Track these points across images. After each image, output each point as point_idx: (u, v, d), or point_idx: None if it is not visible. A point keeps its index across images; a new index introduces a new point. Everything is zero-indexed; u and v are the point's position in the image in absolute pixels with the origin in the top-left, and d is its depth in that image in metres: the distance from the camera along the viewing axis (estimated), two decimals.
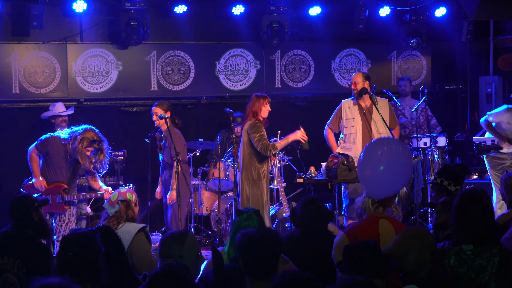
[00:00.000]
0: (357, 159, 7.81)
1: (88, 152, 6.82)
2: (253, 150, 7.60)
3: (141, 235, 5.25)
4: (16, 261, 4.60)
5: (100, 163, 6.91)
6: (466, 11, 9.10)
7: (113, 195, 5.50)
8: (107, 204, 5.50)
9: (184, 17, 9.45)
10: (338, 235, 4.69)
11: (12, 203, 4.95)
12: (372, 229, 4.56)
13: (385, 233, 4.52)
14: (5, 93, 8.92)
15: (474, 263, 3.92)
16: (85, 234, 3.88)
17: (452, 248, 4.01)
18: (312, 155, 8.76)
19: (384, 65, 10.83)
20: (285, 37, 9.74)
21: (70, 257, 3.74)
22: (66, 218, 6.92)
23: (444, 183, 5.29)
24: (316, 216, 5.00)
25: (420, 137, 9.16)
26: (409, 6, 10.29)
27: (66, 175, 6.96)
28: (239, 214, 4.64)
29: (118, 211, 5.40)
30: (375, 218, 4.63)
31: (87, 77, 9.27)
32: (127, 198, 5.45)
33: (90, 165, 6.87)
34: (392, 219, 4.70)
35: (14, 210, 4.86)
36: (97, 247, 3.85)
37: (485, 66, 11.09)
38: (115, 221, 5.35)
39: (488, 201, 4.14)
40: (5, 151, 9.06)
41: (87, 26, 9.23)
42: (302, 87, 10.44)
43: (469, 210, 4.01)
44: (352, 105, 8.01)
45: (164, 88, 9.67)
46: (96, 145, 6.83)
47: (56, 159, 6.91)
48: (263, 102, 7.65)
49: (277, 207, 8.40)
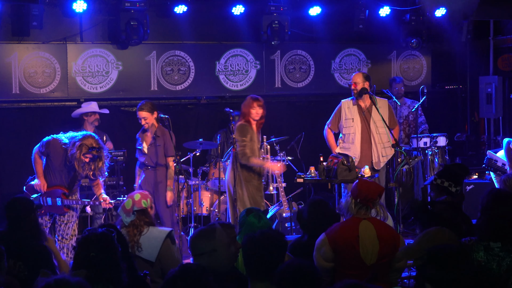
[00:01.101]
0: (357, 159, 7.86)
1: (86, 159, 6.75)
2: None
3: (168, 241, 5.20)
4: (17, 263, 4.58)
5: (99, 170, 6.86)
6: (466, 11, 9.11)
7: (127, 203, 5.31)
8: (121, 211, 5.33)
9: (184, 17, 9.45)
10: (320, 236, 4.70)
11: (9, 204, 4.92)
12: (352, 231, 4.58)
13: (365, 235, 4.53)
14: (5, 93, 8.92)
15: (504, 261, 4.00)
16: (105, 234, 3.86)
17: (480, 243, 4.10)
18: (312, 155, 8.76)
19: (384, 65, 10.83)
20: (285, 37, 9.74)
21: (91, 257, 3.72)
22: (65, 219, 6.91)
23: (444, 184, 5.28)
24: (323, 218, 4.99)
25: (420, 137, 9.16)
26: (409, 6, 10.29)
27: (66, 179, 6.93)
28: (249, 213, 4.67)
29: (134, 220, 5.31)
30: (357, 220, 4.64)
31: (87, 77, 9.27)
32: (142, 206, 5.30)
33: (89, 172, 6.81)
34: (375, 220, 4.69)
35: (12, 212, 4.83)
36: (116, 246, 3.84)
37: (485, 66, 11.09)
38: (135, 230, 5.22)
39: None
40: (5, 151, 9.05)
41: (87, 26, 9.23)
42: (302, 87, 10.44)
43: (500, 209, 4.14)
44: (352, 105, 8.02)
45: (164, 88, 9.67)
46: (95, 152, 6.76)
47: (56, 162, 6.90)
48: (252, 104, 7.60)
49: (277, 207, 8.40)
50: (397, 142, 7.67)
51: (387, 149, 7.92)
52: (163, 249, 5.14)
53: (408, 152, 8.93)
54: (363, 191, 4.68)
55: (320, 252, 4.61)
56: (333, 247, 4.55)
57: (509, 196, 4.27)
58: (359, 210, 4.67)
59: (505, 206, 4.16)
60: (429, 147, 9.17)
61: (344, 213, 4.79)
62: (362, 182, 4.80)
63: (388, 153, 7.98)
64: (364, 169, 7.58)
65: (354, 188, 4.74)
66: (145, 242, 5.17)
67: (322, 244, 4.61)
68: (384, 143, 7.92)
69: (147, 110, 7.58)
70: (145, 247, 5.15)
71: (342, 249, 4.54)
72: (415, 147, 9.12)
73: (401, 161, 8.02)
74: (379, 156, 7.92)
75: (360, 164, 7.80)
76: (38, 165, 6.94)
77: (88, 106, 8.71)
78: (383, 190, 4.90)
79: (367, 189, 4.70)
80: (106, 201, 6.95)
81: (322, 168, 7.56)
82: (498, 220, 4.11)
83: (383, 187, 5.36)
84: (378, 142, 7.91)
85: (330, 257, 4.58)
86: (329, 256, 4.58)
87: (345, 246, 4.54)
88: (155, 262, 5.09)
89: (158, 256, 5.08)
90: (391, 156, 8.10)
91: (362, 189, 4.70)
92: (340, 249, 4.54)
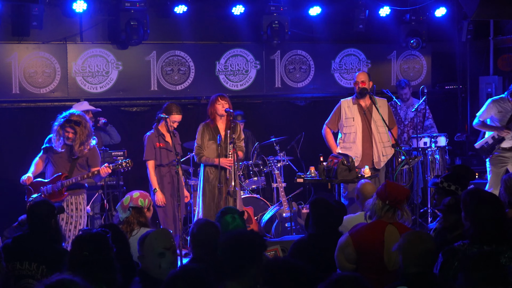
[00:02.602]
0: (358, 159, 7.86)
1: (67, 133, 6.75)
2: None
3: None
4: (40, 267, 4.56)
5: (82, 144, 6.79)
6: (466, 11, 9.10)
7: (126, 199, 5.40)
8: (119, 207, 5.40)
9: (184, 17, 9.45)
10: (343, 236, 4.65)
11: (31, 208, 4.91)
12: (377, 235, 4.53)
13: (390, 240, 4.45)
14: (5, 93, 8.92)
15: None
16: (99, 233, 3.86)
17: (473, 247, 4.00)
18: (312, 155, 8.76)
19: (384, 65, 10.83)
20: (285, 37, 9.74)
21: (85, 257, 3.72)
22: (73, 220, 6.88)
23: (451, 187, 5.24)
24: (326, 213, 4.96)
25: (420, 137, 9.15)
26: (409, 6, 10.29)
27: (66, 167, 6.91)
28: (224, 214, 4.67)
29: (128, 217, 5.32)
30: (382, 224, 4.58)
31: (87, 77, 9.27)
32: (138, 204, 5.35)
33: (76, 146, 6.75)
34: (400, 225, 4.64)
35: (34, 216, 4.80)
36: (111, 247, 3.84)
37: (485, 66, 11.09)
38: (128, 228, 5.28)
39: (501, 202, 4.20)
40: (5, 151, 9.06)
41: (87, 26, 9.23)
42: (302, 87, 10.44)
43: (484, 212, 4.04)
44: (352, 104, 8.02)
45: (164, 88, 9.67)
46: (73, 124, 6.73)
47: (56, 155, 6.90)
48: (216, 99, 7.51)
49: (277, 207, 8.40)
50: (397, 142, 7.67)
51: (387, 149, 7.93)
52: None
53: (408, 152, 8.93)
54: (393, 193, 4.61)
55: (344, 253, 4.57)
56: (357, 248, 4.51)
57: (489, 196, 4.21)
58: (386, 212, 4.62)
59: (489, 209, 4.06)
60: (429, 147, 9.17)
61: (370, 214, 4.72)
62: (390, 184, 4.73)
63: (388, 152, 7.98)
64: (364, 169, 7.58)
65: (382, 190, 4.66)
66: (133, 243, 5.17)
67: (346, 244, 4.56)
68: (385, 143, 7.92)
69: (177, 113, 7.56)
70: (133, 248, 5.16)
71: (366, 252, 4.50)
72: (415, 147, 9.12)
73: (401, 161, 8.02)
74: (380, 156, 7.92)
75: (361, 163, 7.79)
76: (36, 164, 6.97)
77: (81, 106, 8.67)
78: (410, 193, 4.87)
79: (396, 191, 4.64)
80: (104, 168, 6.83)
81: (322, 168, 7.56)
82: (486, 223, 4.02)
83: (409, 190, 5.33)
84: (378, 142, 7.91)
85: (353, 258, 4.55)
86: (353, 258, 4.55)
87: (369, 249, 4.50)
88: None
89: None
90: (391, 155, 8.10)
91: (391, 191, 4.63)
92: (364, 252, 4.50)
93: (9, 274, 4.51)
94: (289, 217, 8.14)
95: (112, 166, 6.90)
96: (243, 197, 8.31)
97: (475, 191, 4.25)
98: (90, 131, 6.92)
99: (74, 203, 6.91)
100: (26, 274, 4.54)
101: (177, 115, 7.52)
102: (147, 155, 7.50)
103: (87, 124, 6.87)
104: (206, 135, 7.51)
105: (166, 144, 7.54)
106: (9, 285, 4.47)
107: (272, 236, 8.09)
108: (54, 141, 6.87)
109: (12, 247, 4.66)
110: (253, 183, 8.95)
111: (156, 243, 3.98)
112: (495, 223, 4.02)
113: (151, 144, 7.51)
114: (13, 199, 7.93)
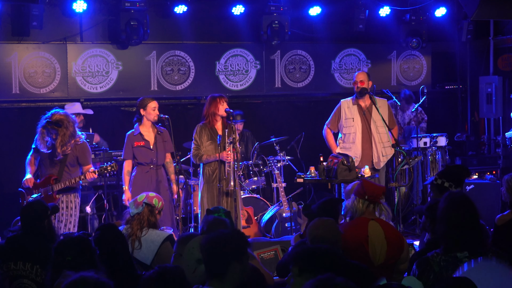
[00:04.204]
0: (357, 159, 7.86)
1: (51, 134, 6.70)
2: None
3: (168, 245, 5.20)
4: (34, 267, 4.55)
5: (65, 145, 6.72)
6: (466, 11, 9.10)
7: (140, 196, 5.45)
8: (131, 203, 5.45)
9: (184, 17, 9.46)
10: None
11: (24, 208, 4.92)
12: (362, 230, 4.61)
13: (374, 235, 4.57)
14: (5, 93, 8.92)
15: None
16: (80, 237, 3.89)
17: (446, 256, 3.81)
18: (312, 155, 8.76)
19: (384, 65, 10.83)
20: (285, 37, 9.75)
21: (67, 262, 3.74)
22: (63, 219, 6.88)
23: (445, 184, 5.25)
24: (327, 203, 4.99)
25: (420, 137, 9.16)
26: (409, 6, 10.29)
27: (55, 167, 6.87)
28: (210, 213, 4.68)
29: (141, 214, 5.33)
30: (365, 220, 4.68)
31: (87, 77, 9.27)
32: (152, 203, 5.40)
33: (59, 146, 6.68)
34: (382, 221, 4.75)
35: (27, 216, 4.80)
36: (93, 250, 3.85)
37: (485, 66, 11.09)
38: (138, 225, 5.29)
39: (473, 205, 3.95)
40: (5, 151, 9.06)
41: (87, 26, 9.23)
42: (302, 87, 10.44)
43: (456, 217, 3.83)
44: (351, 104, 8.01)
45: (164, 88, 9.67)
46: (53, 126, 6.67)
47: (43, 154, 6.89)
48: (217, 100, 7.41)
49: (277, 207, 8.40)
50: (397, 142, 7.67)
51: (387, 149, 7.92)
52: (161, 253, 5.15)
53: (408, 152, 8.93)
54: (370, 189, 4.76)
55: None
56: (343, 245, 4.55)
57: (460, 201, 3.94)
58: (367, 208, 4.73)
59: (460, 213, 3.84)
60: (429, 147, 9.17)
61: (351, 215, 4.81)
62: (365, 181, 4.89)
63: (388, 152, 7.98)
64: (364, 169, 7.58)
65: (360, 188, 4.79)
66: (142, 244, 5.19)
67: None
68: (384, 143, 7.91)
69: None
70: (142, 249, 5.17)
71: (352, 248, 4.55)
72: (415, 147, 9.12)
73: (401, 161, 8.01)
74: (380, 156, 7.92)
75: (361, 163, 7.79)
76: (29, 164, 6.98)
77: (72, 108, 8.65)
78: (385, 189, 4.95)
79: (373, 187, 4.80)
80: (89, 174, 6.80)
81: (322, 168, 7.56)
82: (459, 229, 3.81)
83: (384, 186, 5.40)
84: (378, 142, 7.91)
85: None
86: None
87: (355, 245, 4.56)
88: (150, 266, 5.08)
89: (154, 260, 5.08)
90: (391, 155, 8.10)
91: (367, 187, 4.77)
92: (350, 249, 4.54)
93: (4, 274, 4.53)
94: (289, 217, 8.15)
95: (98, 171, 6.90)
96: (243, 197, 8.31)
97: (448, 195, 4.02)
98: (74, 130, 6.82)
99: (65, 201, 6.88)
100: (20, 274, 4.54)
101: (152, 102, 7.36)
102: (124, 155, 7.49)
103: (69, 124, 6.77)
104: (204, 135, 7.46)
105: (146, 142, 7.45)
106: (4, 285, 4.49)
107: (272, 236, 8.09)
108: (38, 142, 6.84)
109: (6, 247, 4.66)
110: (253, 183, 8.94)
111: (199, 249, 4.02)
112: (468, 228, 3.82)
113: (129, 143, 7.47)
114: (13, 199, 7.93)
